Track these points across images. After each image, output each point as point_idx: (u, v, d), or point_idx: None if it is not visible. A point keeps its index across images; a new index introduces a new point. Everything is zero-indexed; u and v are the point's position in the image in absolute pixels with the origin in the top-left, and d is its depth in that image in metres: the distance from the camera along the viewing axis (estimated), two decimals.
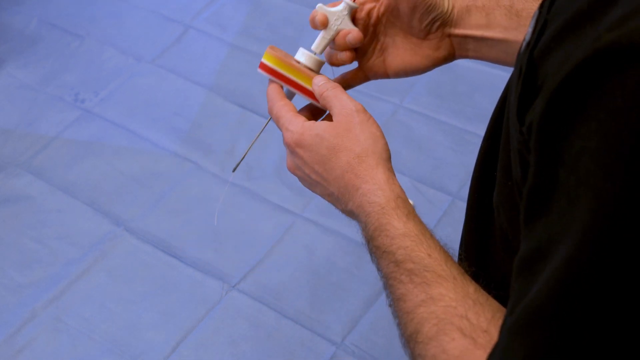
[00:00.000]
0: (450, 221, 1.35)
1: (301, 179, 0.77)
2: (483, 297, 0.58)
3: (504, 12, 0.81)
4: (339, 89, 0.75)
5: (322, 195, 0.76)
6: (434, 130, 1.52)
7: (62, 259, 1.31)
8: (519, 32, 0.80)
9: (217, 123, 1.56)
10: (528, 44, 0.50)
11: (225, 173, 1.45)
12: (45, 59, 1.73)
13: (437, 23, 0.81)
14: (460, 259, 0.80)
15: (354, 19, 0.82)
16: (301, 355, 1.17)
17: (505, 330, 0.47)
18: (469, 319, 0.56)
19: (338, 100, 0.74)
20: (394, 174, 0.71)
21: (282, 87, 0.80)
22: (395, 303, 0.62)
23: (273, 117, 0.78)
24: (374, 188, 0.68)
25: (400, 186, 0.70)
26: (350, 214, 0.71)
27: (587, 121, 0.42)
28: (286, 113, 0.76)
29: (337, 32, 0.79)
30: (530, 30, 0.52)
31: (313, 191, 0.77)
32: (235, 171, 0.87)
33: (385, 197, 0.67)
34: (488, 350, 0.53)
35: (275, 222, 1.35)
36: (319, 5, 0.78)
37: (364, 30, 0.82)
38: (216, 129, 1.54)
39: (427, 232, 0.65)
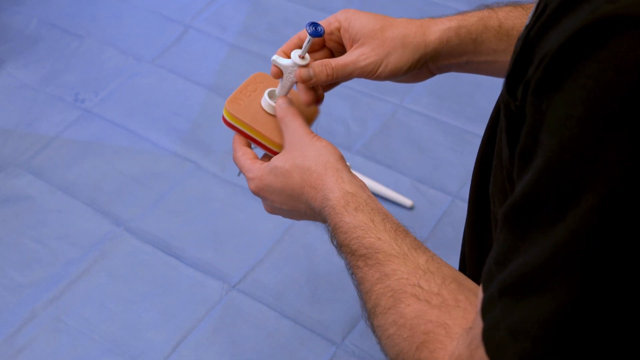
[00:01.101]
0: (450, 221, 1.35)
1: (281, 215, 0.83)
2: (434, 265, 0.63)
3: (493, 34, 0.82)
4: (294, 115, 0.80)
5: (303, 219, 0.81)
6: (434, 130, 1.52)
7: (62, 259, 1.31)
8: (508, 53, 0.80)
9: (217, 123, 1.55)
10: (527, 27, 0.51)
11: (226, 173, 1.45)
12: (45, 59, 1.73)
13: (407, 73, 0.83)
14: (462, 254, 0.81)
15: (325, 45, 0.86)
16: (301, 355, 1.17)
17: (498, 288, 0.48)
18: (421, 286, 0.60)
19: (291, 124, 0.80)
20: (345, 171, 0.74)
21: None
22: (357, 288, 0.68)
23: (237, 166, 0.84)
24: (325, 193, 0.73)
25: (351, 180, 0.73)
26: (323, 222, 0.75)
27: (575, 89, 0.43)
28: (244, 162, 0.82)
29: (294, 82, 0.83)
30: (530, 15, 0.53)
31: (296, 219, 0.83)
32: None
33: (335, 198, 0.71)
34: (442, 309, 0.58)
35: (275, 222, 1.35)
36: (274, 57, 0.83)
37: (338, 50, 0.85)
38: (216, 129, 1.54)
39: (377, 217, 0.69)
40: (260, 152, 0.86)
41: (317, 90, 0.84)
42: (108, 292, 1.26)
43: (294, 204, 0.78)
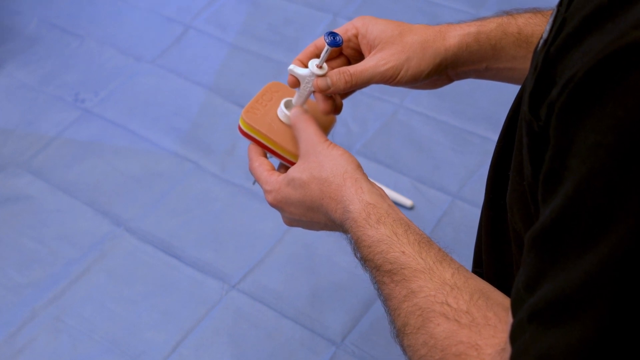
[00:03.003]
0: (450, 221, 1.35)
1: (300, 226, 0.82)
2: (461, 280, 0.61)
3: (513, 41, 0.81)
4: (308, 122, 0.79)
5: (322, 230, 0.80)
6: (434, 130, 1.52)
7: (62, 259, 1.31)
8: (527, 60, 0.79)
9: (217, 123, 1.56)
10: (545, 41, 0.50)
11: (226, 173, 1.45)
12: (45, 59, 1.73)
13: (426, 79, 0.82)
14: (475, 263, 0.81)
15: (342, 53, 0.85)
16: (301, 355, 1.17)
17: (527, 313, 0.48)
18: (449, 304, 0.59)
19: (304, 132, 0.78)
20: (364, 180, 0.73)
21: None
22: (384, 304, 0.66)
23: (254, 177, 0.83)
24: (346, 204, 0.71)
25: (370, 189, 0.72)
26: (345, 233, 0.74)
27: (604, 116, 0.42)
28: (261, 174, 0.81)
29: (311, 92, 0.82)
30: (548, 28, 0.52)
31: (315, 230, 0.82)
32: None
33: (356, 210, 0.70)
34: (472, 328, 0.57)
35: (275, 222, 1.35)
36: (290, 67, 0.82)
37: (356, 58, 0.85)
38: (216, 129, 1.54)
39: (399, 229, 0.67)
40: (276, 162, 0.85)
41: (335, 99, 0.83)
42: (108, 292, 1.26)
43: (313, 215, 0.77)
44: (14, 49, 1.76)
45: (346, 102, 1.66)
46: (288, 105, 0.84)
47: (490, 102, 1.56)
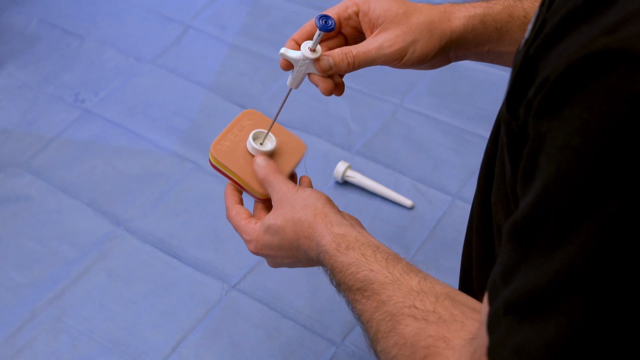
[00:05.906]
0: (450, 221, 1.35)
1: (286, 267, 0.86)
2: (427, 285, 0.65)
3: (518, 25, 0.80)
4: (275, 174, 0.82)
5: (307, 266, 0.84)
6: (434, 130, 1.52)
7: (62, 259, 1.31)
8: None
9: (217, 123, 1.56)
10: (527, 41, 0.51)
11: None
12: (45, 59, 1.73)
13: (429, 61, 0.81)
14: (465, 259, 0.81)
15: (340, 31, 0.84)
16: (301, 355, 1.17)
17: (503, 305, 0.48)
18: (416, 306, 0.62)
19: (275, 183, 0.81)
20: (333, 214, 0.77)
21: (236, 187, 0.88)
22: (358, 321, 0.71)
23: (232, 226, 0.87)
24: (318, 240, 0.75)
25: (339, 221, 0.76)
26: (323, 267, 0.78)
27: (573, 118, 0.43)
28: (239, 222, 0.85)
29: (305, 74, 0.81)
30: (530, 28, 0.53)
31: (303, 267, 0.85)
32: None
33: (327, 242, 0.74)
34: (440, 324, 0.59)
35: None
36: (282, 50, 0.80)
37: (354, 36, 0.84)
38: (216, 129, 1.53)
39: (367, 251, 0.71)
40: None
41: (335, 78, 0.81)
42: (108, 292, 1.26)
43: (294, 255, 0.80)
44: (14, 49, 1.76)
45: (346, 102, 1.65)
46: (256, 137, 0.85)
47: (490, 102, 1.56)
